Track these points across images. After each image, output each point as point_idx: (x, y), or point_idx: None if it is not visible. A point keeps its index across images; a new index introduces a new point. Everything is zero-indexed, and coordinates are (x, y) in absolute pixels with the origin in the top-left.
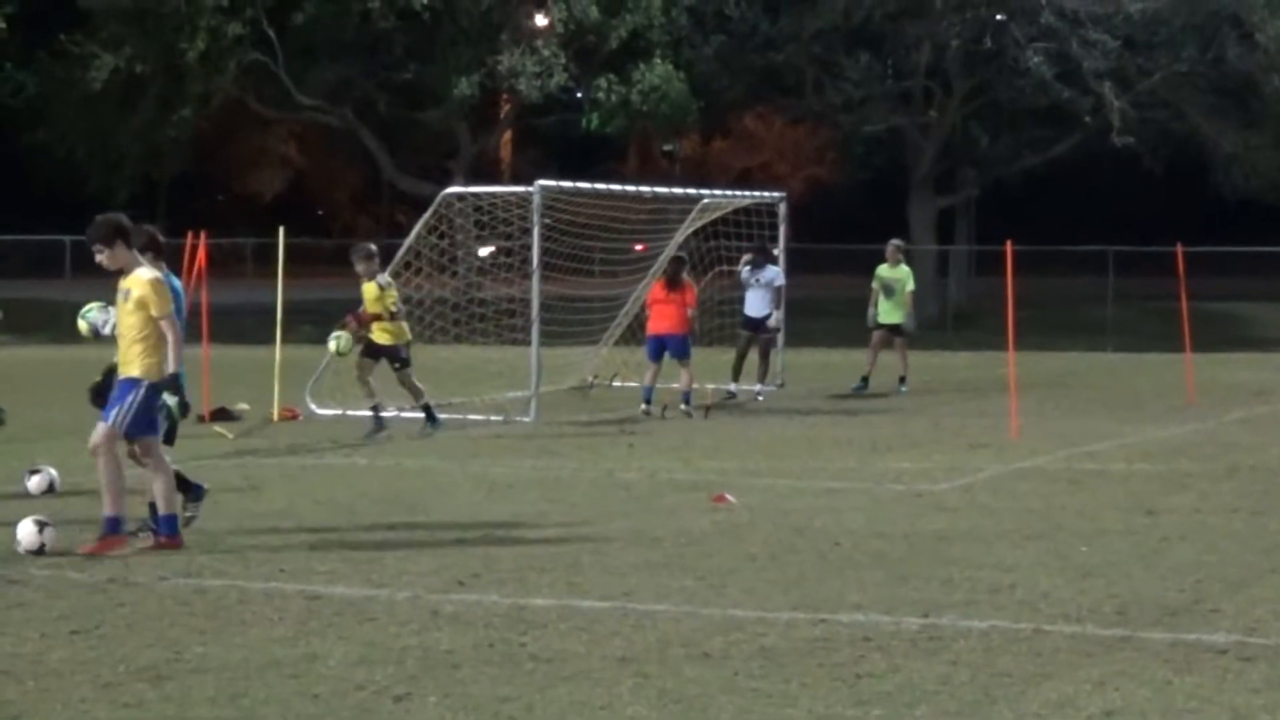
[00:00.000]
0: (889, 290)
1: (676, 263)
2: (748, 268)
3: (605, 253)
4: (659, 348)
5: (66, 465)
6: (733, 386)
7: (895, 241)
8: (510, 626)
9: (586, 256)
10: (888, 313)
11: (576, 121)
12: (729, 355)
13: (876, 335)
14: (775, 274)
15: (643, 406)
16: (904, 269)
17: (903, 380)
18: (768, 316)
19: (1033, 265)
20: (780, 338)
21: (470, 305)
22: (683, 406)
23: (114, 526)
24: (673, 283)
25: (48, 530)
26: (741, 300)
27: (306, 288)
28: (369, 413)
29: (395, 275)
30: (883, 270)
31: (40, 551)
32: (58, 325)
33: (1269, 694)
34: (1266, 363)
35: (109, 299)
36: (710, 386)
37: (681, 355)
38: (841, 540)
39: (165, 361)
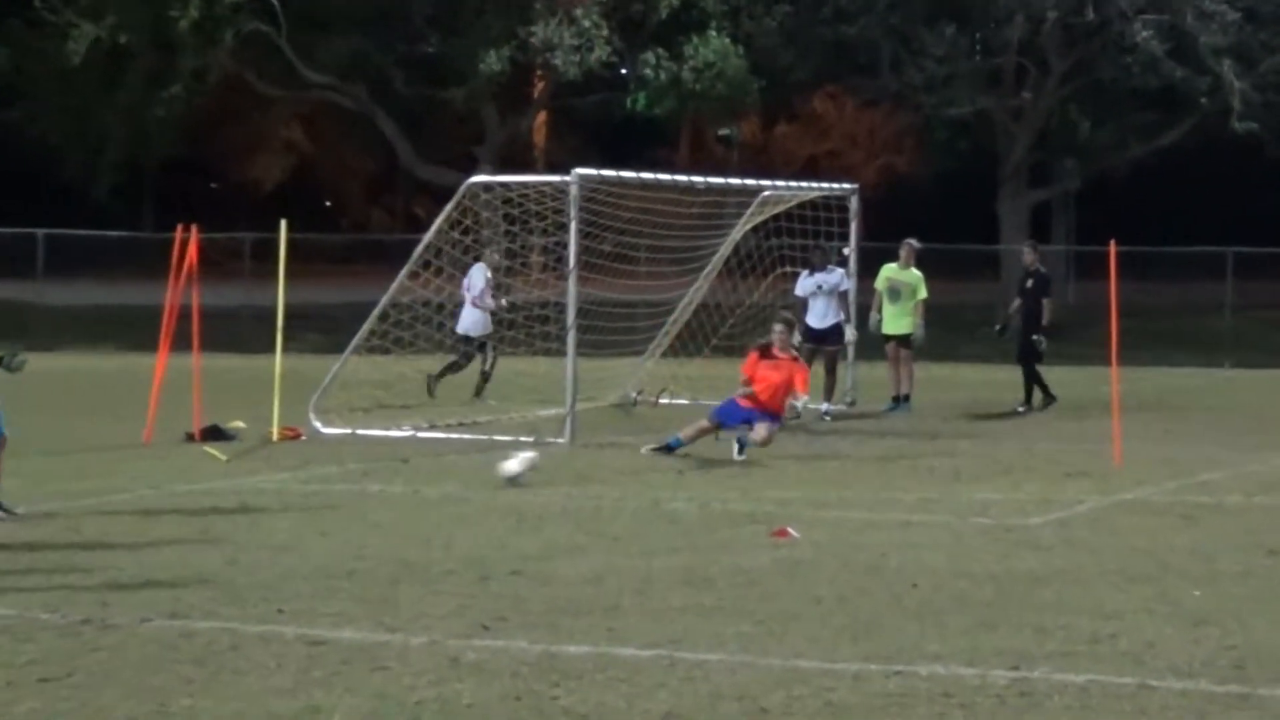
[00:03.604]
0: (894, 294)
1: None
2: (806, 273)
3: (652, 251)
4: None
5: (36, 477)
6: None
7: (910, 241)
8: (540, 677)
9: (631, 256)
10: (892, 320)
11: (620, 102)
12: None
13: (889, 347)
14: (840, 278)
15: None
16: (915, 273)
17: (906, 398)
18: (835, 327)
19: (1140, 268)
20: (850, 350)
21: (498, 310)
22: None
23: None
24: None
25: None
26: (803, 307)
27: (312, 289)
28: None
29: (413, 275)
30: (890, 270)
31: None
32: (28, 330)
33: None
34: None
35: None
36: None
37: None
38: (920, 581)
39: None
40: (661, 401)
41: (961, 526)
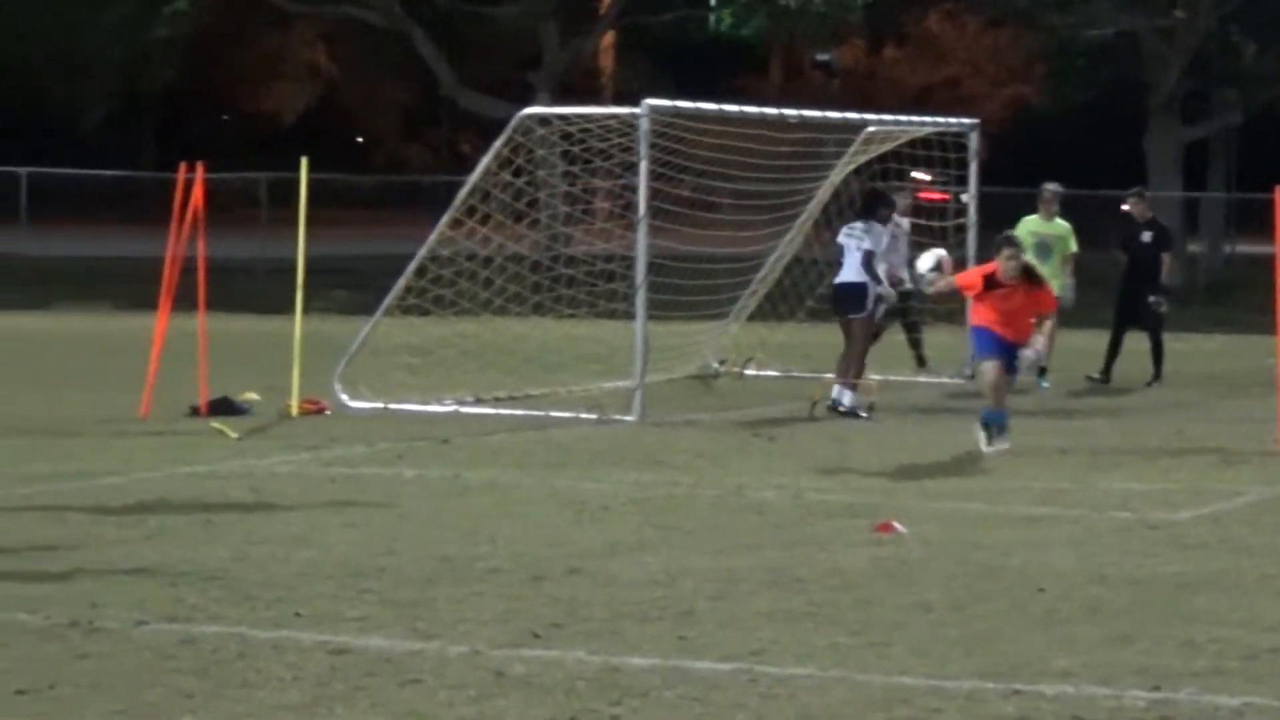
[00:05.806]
0: (1044, 250)
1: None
2: (860, 225)
3: (736, 197)
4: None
5: (14, 457)
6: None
7: (1051, 186)
8: (599, 694)
9: (712, 202)
10: None
11: (701, 21)
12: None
13: None
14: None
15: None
16: (1062, 224)
17: (1043, 372)
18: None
19: None
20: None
21: (555, 265)
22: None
23: None
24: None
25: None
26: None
27: (338, 239)
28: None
29: (457, 223)
30: (1033, 223)
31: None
32: (7, 284)
33: None
34: None
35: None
36: (874, 378)
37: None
38: (1046, 585)
39: None
40: (747, 373)
41: (1097, 522)
